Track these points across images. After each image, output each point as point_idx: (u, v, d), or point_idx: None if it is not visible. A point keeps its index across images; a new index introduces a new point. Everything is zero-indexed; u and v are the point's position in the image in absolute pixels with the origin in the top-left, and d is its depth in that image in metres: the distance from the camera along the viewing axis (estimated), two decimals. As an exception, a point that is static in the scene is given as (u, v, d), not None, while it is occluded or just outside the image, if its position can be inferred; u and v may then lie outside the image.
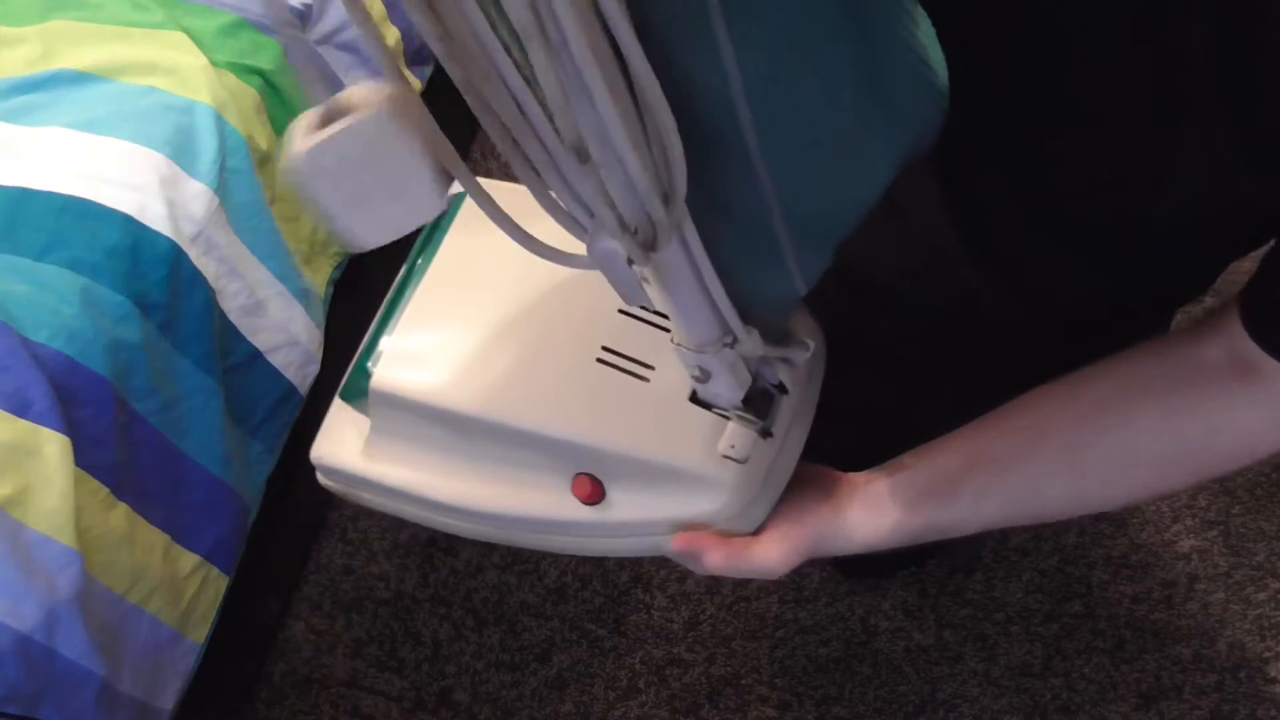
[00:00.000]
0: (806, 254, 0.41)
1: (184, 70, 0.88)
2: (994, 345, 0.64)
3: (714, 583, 1.16)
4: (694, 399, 0.51)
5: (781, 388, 0.52)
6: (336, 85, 1.05)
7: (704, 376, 0.47)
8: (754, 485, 0.52)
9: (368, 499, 0.60)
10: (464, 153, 1.53)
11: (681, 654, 1.12)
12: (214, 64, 0.90)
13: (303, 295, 0.98)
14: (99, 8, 0.94)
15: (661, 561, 1.18)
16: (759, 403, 0.51)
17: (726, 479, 0.50)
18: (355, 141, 0.28)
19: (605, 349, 0.52)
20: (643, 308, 0.53)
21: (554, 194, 0.32)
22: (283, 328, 0.96)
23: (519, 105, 0.28)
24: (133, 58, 0.89)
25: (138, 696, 0.78)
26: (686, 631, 1.13)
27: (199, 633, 0.86)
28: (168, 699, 0.82)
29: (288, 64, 0.96)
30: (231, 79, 0.91)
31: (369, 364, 0.55)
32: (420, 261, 0.58)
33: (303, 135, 0.27)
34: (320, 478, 0.61)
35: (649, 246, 0.34)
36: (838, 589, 1.16)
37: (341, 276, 1.10)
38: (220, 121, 0.87)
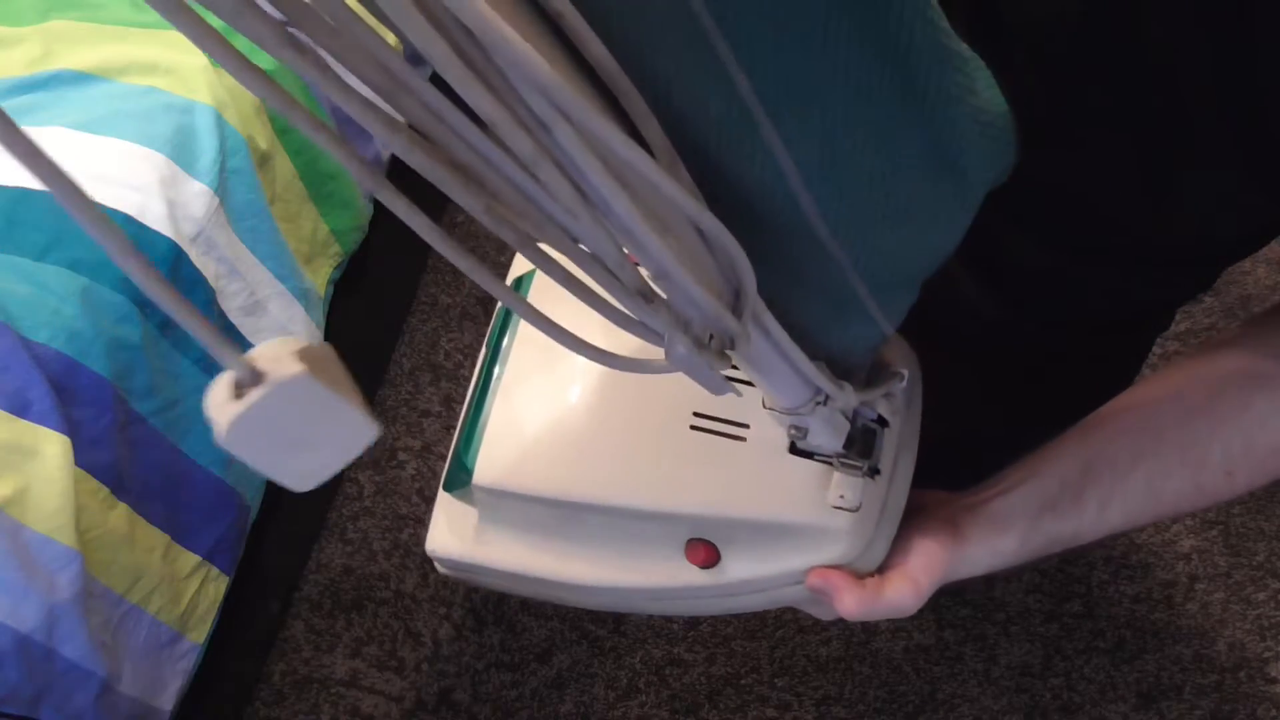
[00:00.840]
0: (889, 303, 0.40)
1: (184, 70, 0.88)
2: (992, 351, 0.64)
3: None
4: (794, 450, 0.51)
5: (882, 421, 0.51)
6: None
7: (801, 434, 0.47)
8: (869, 527, 0.51)
9: (487, 582, 0.61)
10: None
11: (681, 654, 1.12)
12: (214, 64, 0.90)
13: (303, 295, 0.98)
14: (99, 8, 0.94)
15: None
16: (862, 442, 0.50)
17: (841, 527, 0.50)
18: (279, 404, 0.28)
19: (697, 414, 0.52)
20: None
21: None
22: (283, 328, 0.96)
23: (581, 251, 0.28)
24: (133, 58, 0.89)
25: (138, 696, 0.78)
26: (686, 631, 1.13)
27: (199, 633, 0.86)
28: (168, 699, 0.82)
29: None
30: (231, 79, 0.91)
31: (467, 459, 0.55)
32: (502, 344, 0.58)
33: (220, 405, 0.27)
34: (439, 568, 0.62)
35: (727, 348, 0.33)
36: (838, 589, 1.16)
37: (341, 276, 1.10)
38: (220, 121, 0.87)
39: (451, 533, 0.60)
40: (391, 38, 0.23)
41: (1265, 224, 0.48)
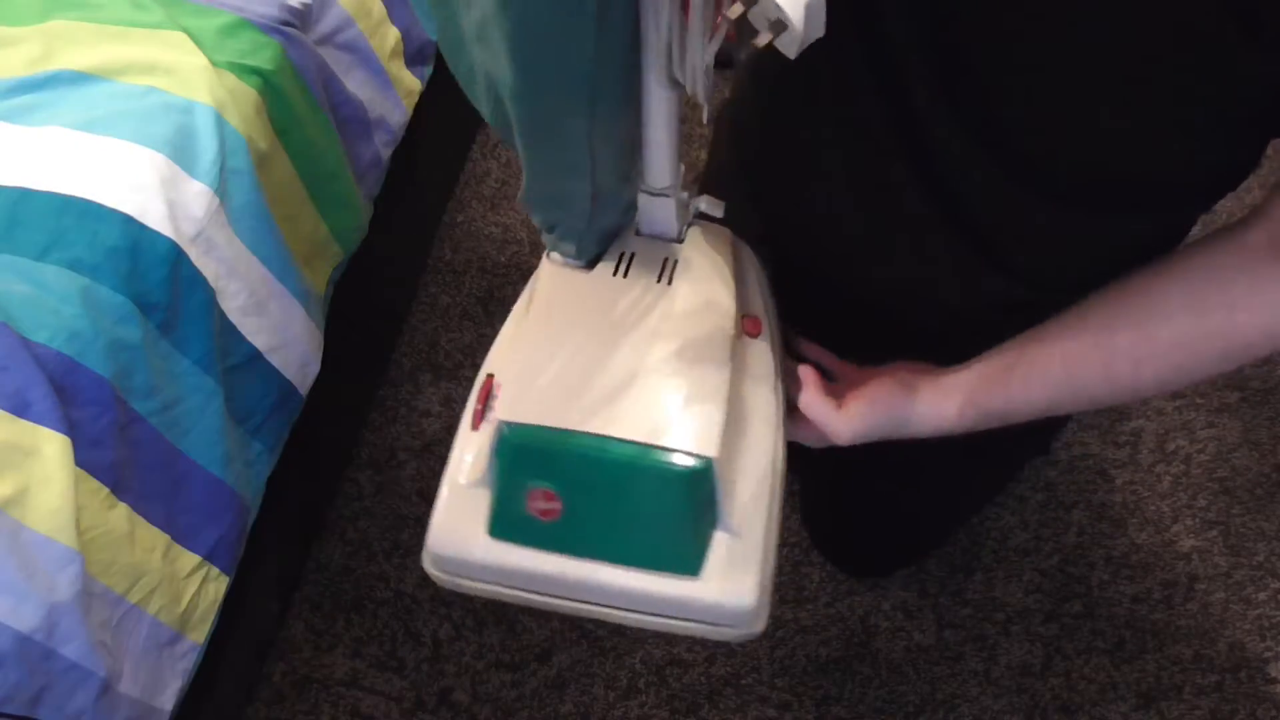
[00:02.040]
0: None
1: (184, 70, 0.88)
2: (963, 320, 0.64)
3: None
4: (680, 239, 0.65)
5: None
6: (336, 85, 1.05)
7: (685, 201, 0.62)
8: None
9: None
10: (464, 153, 1.53)
11: (681, 654, 1.12)
12: (214, 64, 0.90)
13: (303, 295, 0.98)
14: (99, 8, 0.94)
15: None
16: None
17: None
18: None
19: (660, 279, 0.62)
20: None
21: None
22: (283, 328, 0.96)
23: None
24: (133, 58, 0.89)
25: (138, 696, 0.78)
26: (686, 631, 1.13)
27: (199, 633, 0.86)
28: (168, 699, 0.82)
29: (288, 63, 0.96)
30: (231, 79, 0.91)
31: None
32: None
33: None
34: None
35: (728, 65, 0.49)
36: (838, 589, 1.16)
37: (342, 276, 1.10)
38: (220, 121, 0.87)
39: None
40: None
41: (1240, 153, 0.48)
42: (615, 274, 0.62)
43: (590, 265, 0.63)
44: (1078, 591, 1.15)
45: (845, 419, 0.60)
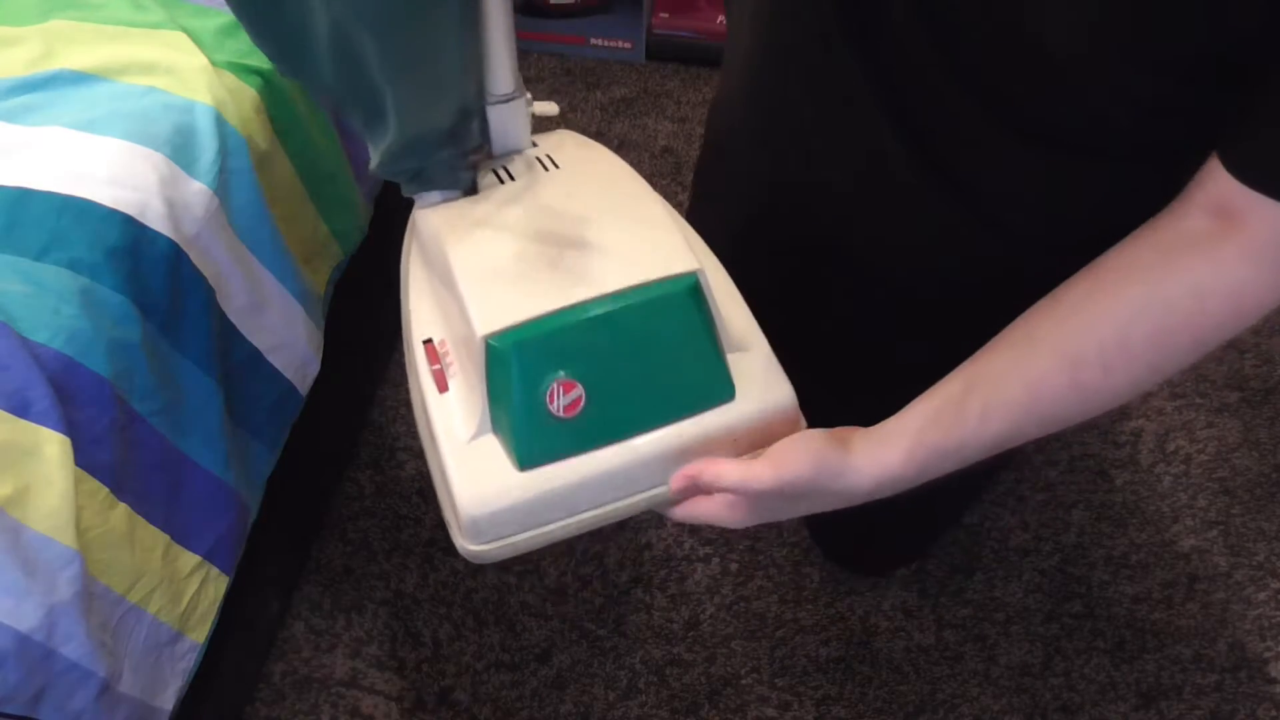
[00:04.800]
0: None
1: (184, 70, 0.88)
2: (966, 293, 0.64)
3: (714, 583, 1.16)
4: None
5: None
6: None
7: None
8: None
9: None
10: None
11: (681, 654, 1.12)
12: (214, 64, 0.90)
13: (303, 295, 0.98)
14: (99, 8, 0.94)
15: (662, 561, 1.18)
16: None
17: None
18: None
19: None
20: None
21: None
22: (283, 328, 0.96)
23: None
24: (133, 58, 0.89)
25: (138, 696, 0.78)
26: (686, 631, 1.13)
27: (199, 633, 0.86)
28: (168, 699, 0.82)
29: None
30: (231, 79, 0.91)
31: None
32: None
33: None
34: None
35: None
36: (838, 589, 1.16)
37: (342, 276, 1.10)
38: (220, 121, 0.87)
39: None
40: None
41: (1206, 113, 0.48)
42: (502, 182, 0.62)
43: (468, 192, 0.63)
44: (1078, 591, 1.15)
45: (766, 472, 0.53)
